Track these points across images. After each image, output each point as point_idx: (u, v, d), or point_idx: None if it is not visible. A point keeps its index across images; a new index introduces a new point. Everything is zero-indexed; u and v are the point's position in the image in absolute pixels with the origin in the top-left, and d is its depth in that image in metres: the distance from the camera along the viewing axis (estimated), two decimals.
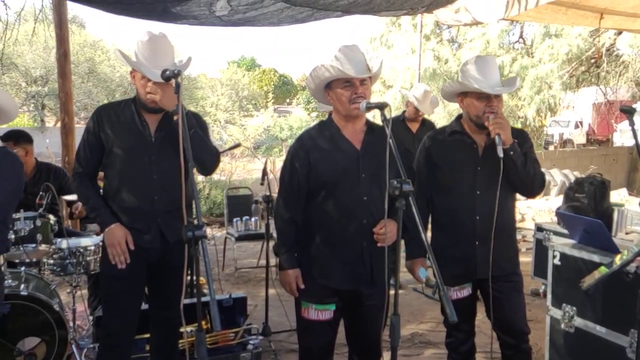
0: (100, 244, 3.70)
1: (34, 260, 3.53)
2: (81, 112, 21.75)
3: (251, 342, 3.71)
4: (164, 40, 2.59)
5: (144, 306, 2.91)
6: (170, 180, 2.52)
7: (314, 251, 2.49)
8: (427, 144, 2.84)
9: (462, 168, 2.72)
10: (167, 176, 2.62)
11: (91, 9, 4.24)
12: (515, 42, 14.18)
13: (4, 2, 5.95)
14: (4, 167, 2.24)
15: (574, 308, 2.88)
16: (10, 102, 2.22)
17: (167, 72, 2.20)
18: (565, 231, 4.09)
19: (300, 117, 26.54)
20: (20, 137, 3.98)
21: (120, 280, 2.66)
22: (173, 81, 2.21)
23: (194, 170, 2.11)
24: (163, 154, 2.63)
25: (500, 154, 2.53)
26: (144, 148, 2.65)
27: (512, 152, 2.57)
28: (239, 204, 6.70)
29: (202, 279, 3.99)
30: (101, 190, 2.80)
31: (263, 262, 6.08)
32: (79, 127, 5.69)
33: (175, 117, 2.37)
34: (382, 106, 2.23)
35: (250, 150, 9.76)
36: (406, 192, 1.99)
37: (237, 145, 5.64)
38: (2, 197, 2.29)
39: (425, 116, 5.34)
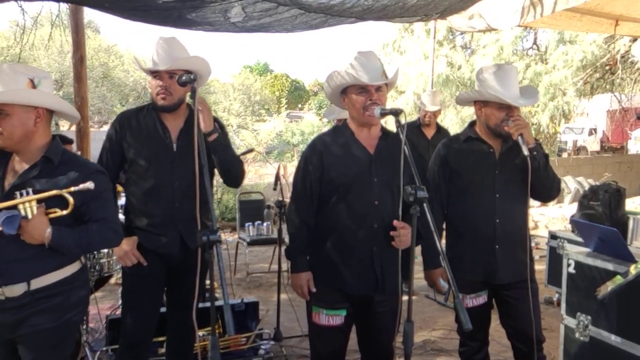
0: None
1: None
2: (95, 116, 21.95)
3: (263, 347, 3.71)
4: (175, 41, 2.70)
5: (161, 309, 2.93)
6: (191, 187, 2.55)
7: (325, 255, 2.49)
8: (443, 151, 2.84)
9: (480, 172, 2.73)
10: (188, 183, 2.64)
11: (108, 15, 4.28)
12: (529, 48, 14.11)
13: (21, 7, 6.03)
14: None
15: (589, 317, 2.86)
16: (68, 106, 2.27)
17: (184, 78, 2.23)
18: (580, 239, 4.07)
19: (312, 122, 26.53)
20: (67, 141, 4.17)
21: (141, 279, 2.72)
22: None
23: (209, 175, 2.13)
24: (184, 162, 2.65)
25: (526, 152, 2.52)
26: (165, 155, 2.69)
27: (535, 152, 2.57)
28: (251, 208, 6.73)
29: (215, 283, 4.00)
30: (123, 195, 2.83)
31: (274, 267, 6.09)
32: (93, 131, 5.76)
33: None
34: (396, 112, 2.23)
35: (262, 155, 9.78)
36: (420, 199, 2.00)
37: (250, 151, 5.67)
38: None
39: (440, 123, 5.36)
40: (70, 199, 2.09)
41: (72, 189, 2.09)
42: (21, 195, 2.06)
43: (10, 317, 2.08)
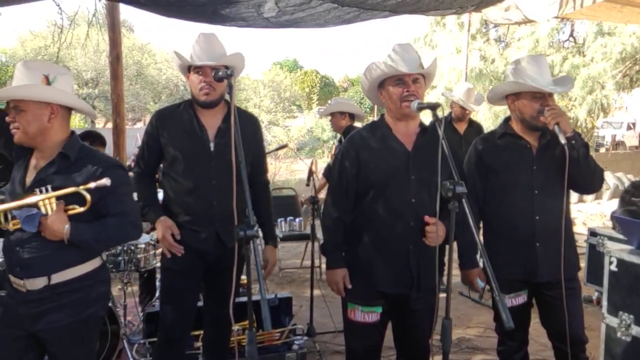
0: (152, 242, 3.81)
1: None
2: (129, 113, 22.35)
3: (296, 342, 3.72)
4: (214, 37, 2.72)
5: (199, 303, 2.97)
6: (229, 185, 2.56)
7: (361, 252, 2.47)
8: (478, 148, 2.78)
9: (517, 169, 2.66)
10: (226, 181, 2.64)
11: (142, 11, 4.35)
12: (566, 40, 13.77)
13: (58, 5, 6.17)
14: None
15: (631, 316, 2.78)
16: (82, 104, 2.32)
17: (220, 73, 2.23)
18: (621, 236, 3.96)
19: None
20: (96, 139, 4.20)
21: (180, 275, 2.75)
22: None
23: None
24: (221, 160, 2.66)
25: (563, 140, 2.45)
26: (203, 154, 2.70)
27: (574, 141, 2.49)
28: (282, 204, 6.74)
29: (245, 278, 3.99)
30: (160, 191, 2.88)
31: (307, 262, 6.11)
32: (127, 128, 5.89)
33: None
34: (434, 107, 2.19)
35: (293, 152, 9.84)
36: (459, 194, 1.96)
37: (284, 146, 5.71)
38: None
39: (472, 117, 5.26)
40: (87, 196, 2.11)
41: (89, 185, 2.11)
42: (40, 192, 2.09)
43: (31, 309, 2.13)
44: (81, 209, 2.12)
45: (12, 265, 2.15)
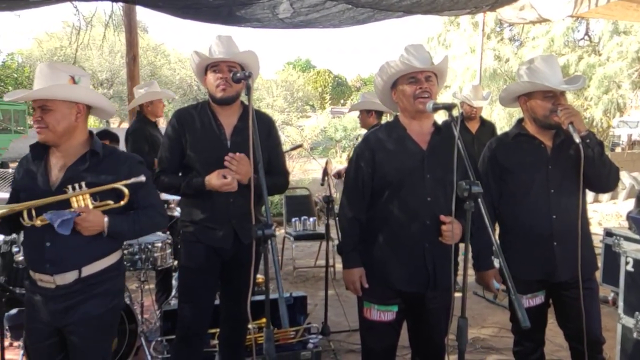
0: (168, 240, 3.85)
1: None
2: None
3: (311, 341, 3.74)
4: (230, 39, 2.78)
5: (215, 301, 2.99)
6: (246, 183, 2.58)
7: (376, 251, 2.49)
8: (492, 150, 2.79)
9: (532, 168, 2.66)
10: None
11: (157, 12, 4.40)
12: (581, 39, 13.63)
13: (76, 7, 6.25)
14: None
15: None
16: (107, 102, 2.40)
17: (238, 75, 2.27)
18: (638, 237, 3.93)
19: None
20: (113, 137, 4.30)
21: (197, 272, 2.79)
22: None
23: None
24: None
25: (578, 139, 2.44)
26: (221, 152, 2.72)
27: (588, 140, 2.48)
28: (297, 204, 6.79)
29: (261, 277, 4.02)
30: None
31: (320, 262, 6.13)
32: None
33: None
34: (449, 107, 2.20)
35: (307, 151, 9.86)
36: (475, 194, 1.97)
37: (299, 146, 5.75)
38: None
39: (487, 117, 5.26)
40: (126, 191, 2.22)
41: (126, 182, 2.22)
42: (73, 189, 2.15)
43: (61, 304, 2.18)
44: (121, 203, 2.23)
45: (41, 262, 2.18)
